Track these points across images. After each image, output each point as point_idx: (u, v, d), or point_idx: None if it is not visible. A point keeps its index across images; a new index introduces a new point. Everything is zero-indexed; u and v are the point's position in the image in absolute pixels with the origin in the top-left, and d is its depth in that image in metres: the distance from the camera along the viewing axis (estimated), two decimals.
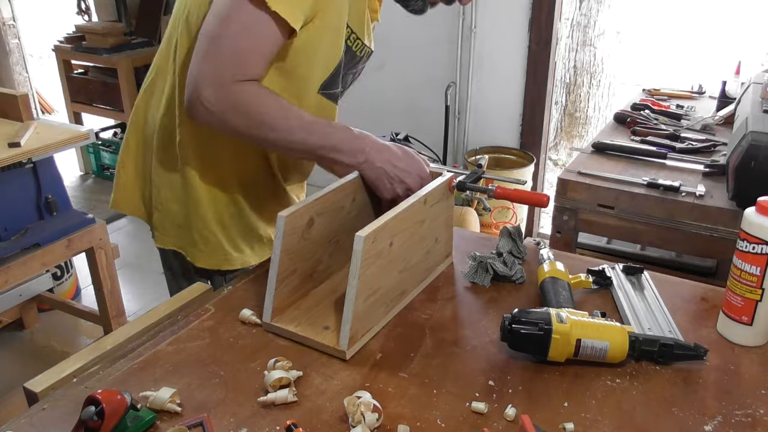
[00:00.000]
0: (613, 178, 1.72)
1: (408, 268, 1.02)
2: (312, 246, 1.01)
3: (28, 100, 2.08)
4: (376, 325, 0.97)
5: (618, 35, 4.04)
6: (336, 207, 1.04)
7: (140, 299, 2.97)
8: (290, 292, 1.00)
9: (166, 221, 1.24)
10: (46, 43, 4.57)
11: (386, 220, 0.91)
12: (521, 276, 1.10)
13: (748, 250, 0.90)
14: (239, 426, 0.78)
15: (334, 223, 1.04)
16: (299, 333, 0.94)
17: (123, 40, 3.91)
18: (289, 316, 0.98)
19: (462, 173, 1.14)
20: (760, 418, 0.80)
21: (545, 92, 3.08)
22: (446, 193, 1.09)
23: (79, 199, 4.08)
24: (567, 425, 0.78)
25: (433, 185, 1.05)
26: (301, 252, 0.99)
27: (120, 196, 1.30)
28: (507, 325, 0.88)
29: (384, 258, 0.93)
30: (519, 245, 1.16)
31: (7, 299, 2.28)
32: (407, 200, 0.99)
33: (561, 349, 0.86)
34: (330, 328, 0.95)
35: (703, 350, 0.89)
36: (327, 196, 1.01)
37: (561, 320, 0.87)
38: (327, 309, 1.01)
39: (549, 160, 3.99)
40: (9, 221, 1.91)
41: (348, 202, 1.06)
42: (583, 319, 0.88)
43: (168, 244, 1.25)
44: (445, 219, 1.12)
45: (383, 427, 0.78)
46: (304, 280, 1.03)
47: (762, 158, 1.44)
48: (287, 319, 0.97)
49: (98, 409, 0.72)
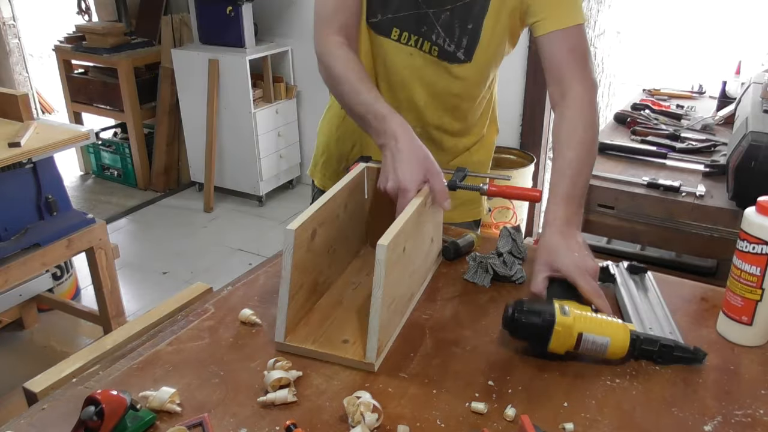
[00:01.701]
0: (613, 178, 1.72)
1: (414, 271, 1.02)
2: (315, 258, 0.98)
3: (28, 100, 2.08)
4: (394, 331, 0.95)
5: (618, 35, 4.04)
6: (332, 216, 1.02)
7: (140, 299, 2.97)
8: (299, 309, 0.96)
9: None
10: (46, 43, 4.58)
11: (401, 225, 0.89)
12: (521, 276, 1.10)
13: (748, 250, 0.90)
14: (239, 426, 0.78)
15: (332, 232, 1.03)
16: (319, 350, 0.91)
17: (123, 40, 3.91)
18: (302, 333, 0.95)
19: (448, 172, 1.13)
20: (760, 418, 0.80)
21: (545, 92, 3.08)
22: None
23: (79, 199, 4.08)
24: (567, 425, 0.77)
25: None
26: (306, 265, 0.96)
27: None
28: (510, 313, 0.88)
29: (400, 264, 0.92)
30: (519, 245, 1.16)
31: (7, 299, 2.29)
32: (413, 203, 0.97)
33: (562, 341, 0.86)
34: (349, 341, 0.92)
35: (702, 354, 0.89)
36: (327, 204, 0.98)
37: (564, 312, 0.87)
38: (340, 322, 0.98)
39: (549, 160, 3.99)
40: (9, 221, 1.91)
41: (342, 209, 1.05)
42: (587, 314, 0.88)
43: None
44: (437, 219, 1.12)
45: (383, 427, 0.78)
46: (310, 294, 1.00)
47: (762, 158, 1.44)
48: (301, 337, 0.93)
49: (98, 409, 0.72)
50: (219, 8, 3.54)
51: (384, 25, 1.21)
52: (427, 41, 1.20)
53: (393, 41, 1.21)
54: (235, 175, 3.86)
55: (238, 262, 3.23)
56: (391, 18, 1.20)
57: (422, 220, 1.02)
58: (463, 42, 1.19)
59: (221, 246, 3.46)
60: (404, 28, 1.20)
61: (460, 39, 1.19)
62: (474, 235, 1.21)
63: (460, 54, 1.20)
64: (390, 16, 1.20)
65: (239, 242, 3.48)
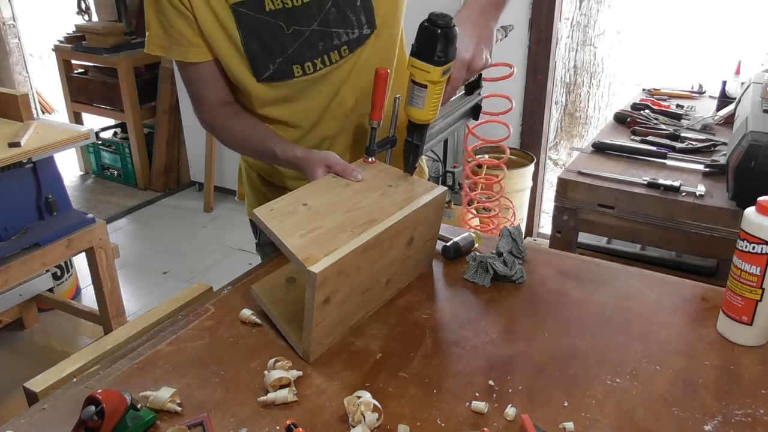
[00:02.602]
0: (613, 178, 1.72)
1: (389, 263, 1.00)
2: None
3: (28, 100, 2.08)
4: (365, 313, 0.98)
5: (618, 35, 4.04)
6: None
7: (140, 299, 2.97)
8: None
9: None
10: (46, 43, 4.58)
11: (340, 257, 0.86)
12: (521, 276, 1.10)
13: (748, 250, 0.90)
14: (239, 426, 0.78)
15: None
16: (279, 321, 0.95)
17: (123, 40, 3.91)
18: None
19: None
20: (760, 418, 0.80)
21: (545, 92, 3.08)
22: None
23: (79, 199, 4.08)
24: (567, 425, 0.78)
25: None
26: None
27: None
28: None
29: (349, 279, 0.90)
30: (519, 245, 1.16)
31: (7, 299, 2.29)
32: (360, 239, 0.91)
33: None
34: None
35: None
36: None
37: None
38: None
39: (549, 160, 3.99)
40: (9, 221, 1.91)
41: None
42: None
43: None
44: (420, 217, 1.04)
45: (383, 427, 0.78)
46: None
47: (762, 158, 1.44)
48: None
49: (98, 409, 0.72)
50: None
51: (281, 70, 1.13)
52: (332, 51, 1.13)
53: (299, 78, 1.14)
54: (235, 175, 3.83)
55: (238, 262, 3.23)
56: (284, 59, 1.12)
57: (382, 239, 0.94)
58: (362, 19, 1.13)
59: (221, 246, 3.46)
60: (303, 59, 1.12)
61: (359, 19, 1.13)
62: (474, 235, 1.21)
63: (366, 30, 1.14)
64: (280, 59, 1.11)
65: (239, 242, 3.48)
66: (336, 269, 0.85)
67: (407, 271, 1.08)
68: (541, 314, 1.01)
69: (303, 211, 0.94)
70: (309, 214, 0.93)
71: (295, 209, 0.94)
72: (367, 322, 0.99)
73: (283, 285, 1.04)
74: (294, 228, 0.89)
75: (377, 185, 1.04)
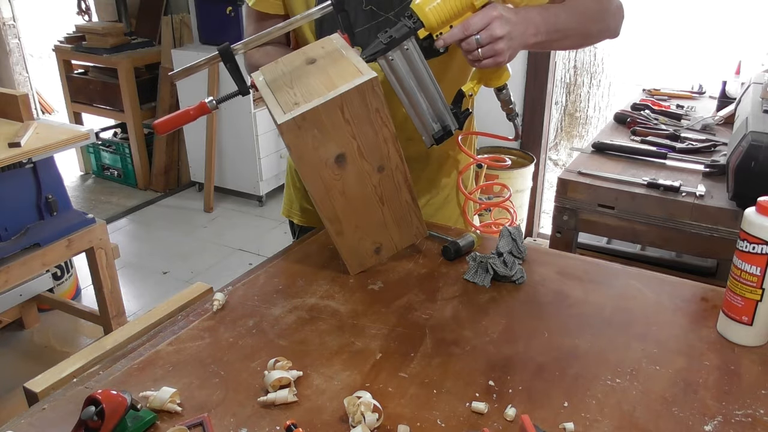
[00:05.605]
0: (613, 178, 1.72)
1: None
2: None
3: (28, 100, 2.08)
4: None
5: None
6: None
7: (140, 299, 2.97)
8: None
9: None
10: (46, 43, 4.58)
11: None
12: (521, 276, 1.10)
13: (748, 250, 0.90)
14: (239, 426, 0.78)
15: None
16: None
17: (123, 40, 3.92)
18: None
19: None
20: (760, 418, 0.80)
21: (545, 92, 3.08)
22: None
23: (79, 199, 4.08)
24: (567, 425, 0.78)
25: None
26: None
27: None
28: None
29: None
30: (519, 245, 1.16)
31: (7, 299, 2.29)
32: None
33: None
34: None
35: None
36: None
37: None
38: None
39: (549, 160, 3.99)
40: (9, 221, 1.91)
41: None
42: None
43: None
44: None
45: (383, 427, 0.78)
46: None
47: (762, 158, 1.44)
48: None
49: (98, 409, 0.72)
50: (219, 8, 3.54)
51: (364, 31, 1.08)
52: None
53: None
54: (235, 175, 3.87)
55: (238, 262, 3.23)
56: (349, 36, 1.06)
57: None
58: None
59: (221, 246, 3.46)
60: (366, 44, 1.04)
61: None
62: (474, 235, 1.21)
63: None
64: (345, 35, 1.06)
65: (239, 242, 3.48)
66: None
67: (397, 209, 1.11)
68: (541, 314, 1.01)
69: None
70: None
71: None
72: (367, 322, 0.99)
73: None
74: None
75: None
